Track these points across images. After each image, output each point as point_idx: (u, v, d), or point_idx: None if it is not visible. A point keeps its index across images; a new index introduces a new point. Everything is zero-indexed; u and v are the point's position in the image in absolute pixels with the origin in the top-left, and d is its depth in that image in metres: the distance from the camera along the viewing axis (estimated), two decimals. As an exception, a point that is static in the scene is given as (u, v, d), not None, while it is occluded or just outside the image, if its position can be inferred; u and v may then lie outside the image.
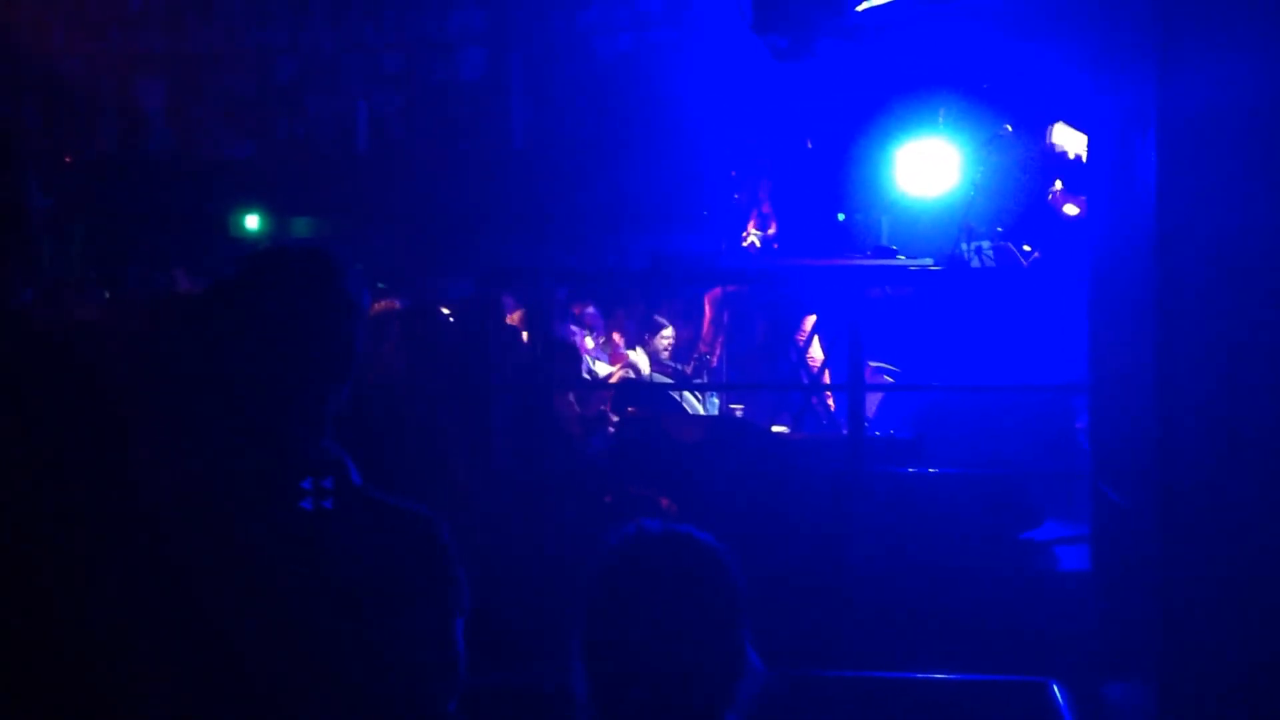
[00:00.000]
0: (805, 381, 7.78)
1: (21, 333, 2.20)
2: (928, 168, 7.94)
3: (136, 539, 2.05)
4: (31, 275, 2.25)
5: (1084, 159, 6.98)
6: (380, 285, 9.91)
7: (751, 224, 8.12)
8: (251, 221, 12.91)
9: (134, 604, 2.02)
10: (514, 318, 8.54)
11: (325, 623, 2.04)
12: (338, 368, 2.18)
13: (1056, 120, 7.47)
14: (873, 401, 6.85)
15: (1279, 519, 3.22)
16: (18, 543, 2.04)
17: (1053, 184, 7.45)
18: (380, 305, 8.20)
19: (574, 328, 8.71)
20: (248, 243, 12.33)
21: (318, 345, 2.16)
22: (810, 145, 8.04)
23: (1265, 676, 3.23)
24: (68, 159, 12.62)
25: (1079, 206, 7.12)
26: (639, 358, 8.69)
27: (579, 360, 7.62)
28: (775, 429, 7.08)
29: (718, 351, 8.25)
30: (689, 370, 8.40)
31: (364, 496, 2.16)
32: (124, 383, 2.20)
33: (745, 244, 8.10)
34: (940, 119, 7.93)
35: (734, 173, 8.38)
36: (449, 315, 6.47)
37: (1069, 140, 7.31)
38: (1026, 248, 7.45)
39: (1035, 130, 7.54)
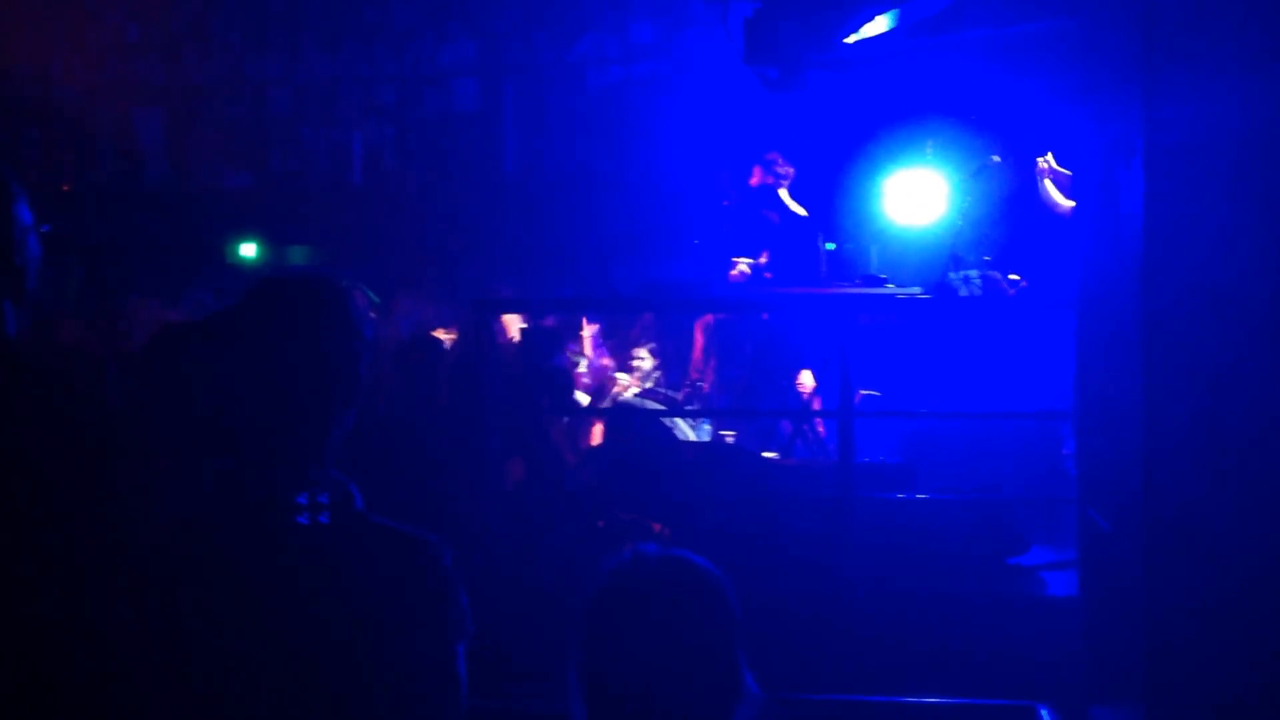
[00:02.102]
0: (796, 408, 7.82)
1: (14, 361, 2.20)
2: (916, 197, 8.01)
3: (134, 565, 2.06)
4: (22, 302, 2.25)
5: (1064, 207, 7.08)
6: (376, 301, 9.94)
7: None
8: (248, 250, 12.94)
9: (131, 631, 2.03)
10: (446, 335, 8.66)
11: (327, 648, 2.05)
12: (342, 394, 2.19)
13: (1043, 150, 7.54)
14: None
15: (1264, 544, 3.25)
16: (11, 565, 2.04)
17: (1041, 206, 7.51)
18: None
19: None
20: (244, 271, 12.33)
21: (322, 372, 2.17)
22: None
23: (1250, 700, 3.26)
24: (65, 188, 12.64)
25: (1066, 196, 7.17)
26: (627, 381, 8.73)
27: (571, 387, 7.65)
28: (766, 455, 7.11)
29: (709, 378, 8.29)
30: (681, 397, 8.42)
31: (367, 522, 2.17)
32: (122, 410, 2.20)
33: (735, 273, 8.15)
34: (928, 149, 8.00)
35: (726, 202, 8.43)
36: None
37: (1054, 193, 7.40)
38: (1013, 276, 7.51)
39: (1022, 160, 7.60)
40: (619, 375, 8.67)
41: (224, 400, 2.15)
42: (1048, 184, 7.40)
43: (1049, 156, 7.40)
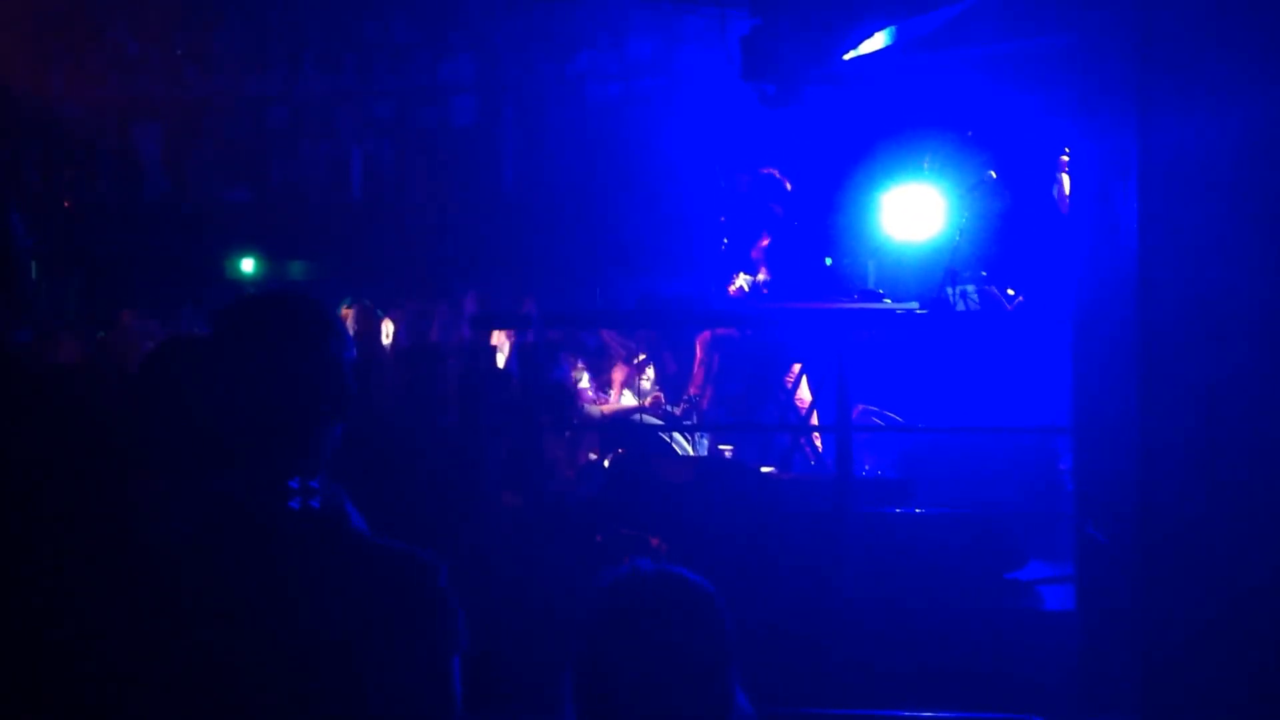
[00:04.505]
0: (793, 423, 7.83)
1: (14, 374, 2.21)
2: (913, 212, 8.02)
3: (130, 577, 2.06)
4: (22, 316, 2.26)
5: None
6: (379, 313, 9.96)
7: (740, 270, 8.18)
8: (247, 265, 12.98)
9: (127, 642, 2.02)
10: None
11: (321, 663, 2.04)
12: (331, 409, 2.19)
13: (1041, 166, 7.56)
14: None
15: (1258, 558, 3.26)
16: (11, 574, 2.05)
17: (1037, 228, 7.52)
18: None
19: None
20: (244, 286, 12.37)
21: (306, 386, 2.17)
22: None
23: (1246, 714, 3.27)
24: (66, 203, 12.70)
25: None
26: (628, 399, 8.76)
27: (570, 401, 7.66)
28: (764, 470, 7.11)
29: (708, 393, 8.29)
30: (679, 412, 8.43)
31: (362, 538, 2.17)
32: (116, 425, 2.20)
33: (734, 289, 8.16)
34: (925, 165, 8.02)
35: (723, 218, 8.45)
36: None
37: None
38: (1010, 291, 7.52)
39: (1019, 176, 7.63)
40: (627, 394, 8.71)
41: (217, 414, 2.15)
42: (1065, 179, 7.39)
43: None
